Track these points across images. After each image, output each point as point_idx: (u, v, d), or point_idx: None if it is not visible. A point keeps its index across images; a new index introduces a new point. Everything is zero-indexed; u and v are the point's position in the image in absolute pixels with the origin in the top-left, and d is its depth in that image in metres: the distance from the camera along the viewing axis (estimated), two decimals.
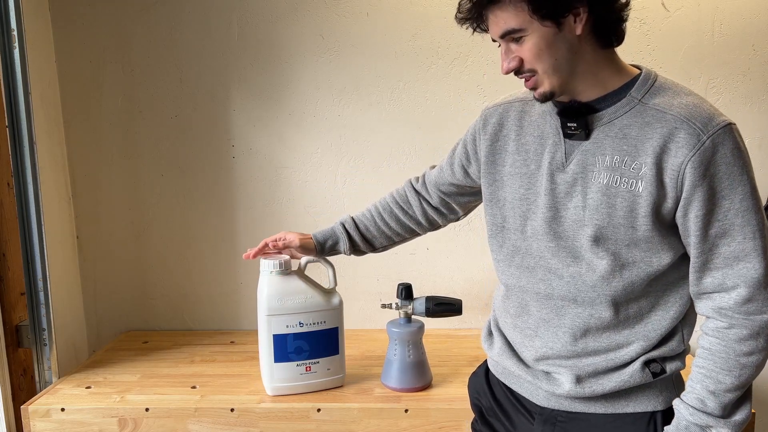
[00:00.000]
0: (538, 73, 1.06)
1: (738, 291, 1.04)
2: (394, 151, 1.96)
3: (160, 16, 1.92)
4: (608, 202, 1.07)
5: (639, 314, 1.12)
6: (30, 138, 1.68)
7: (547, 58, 1.04)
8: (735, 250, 1.04)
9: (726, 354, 1.06)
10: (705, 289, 1.08)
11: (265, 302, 1.54)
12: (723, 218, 1.03)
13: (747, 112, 1.88)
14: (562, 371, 1.15)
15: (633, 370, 1.11)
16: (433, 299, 1.60)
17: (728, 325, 1.06)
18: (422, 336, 1.62)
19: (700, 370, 1.08)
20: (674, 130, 1.02)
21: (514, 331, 1.22)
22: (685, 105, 1.04)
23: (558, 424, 1.17)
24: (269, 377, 1.57)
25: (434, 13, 1.88)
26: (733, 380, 1.05)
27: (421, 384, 1.60)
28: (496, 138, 1.22)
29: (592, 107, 1.08)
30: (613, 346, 1.13)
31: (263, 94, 1.95)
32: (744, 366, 1.05)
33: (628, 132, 1.06)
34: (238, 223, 2.02)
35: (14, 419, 1.74)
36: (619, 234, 1.07)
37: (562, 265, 1.13)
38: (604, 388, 1.13)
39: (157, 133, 1.98)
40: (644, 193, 1.04)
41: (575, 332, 1.14)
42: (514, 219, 1.19)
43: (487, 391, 1.30)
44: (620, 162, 1.06)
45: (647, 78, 1.08)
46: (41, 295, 1.73)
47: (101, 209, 2.02)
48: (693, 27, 1.85)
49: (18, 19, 1.63)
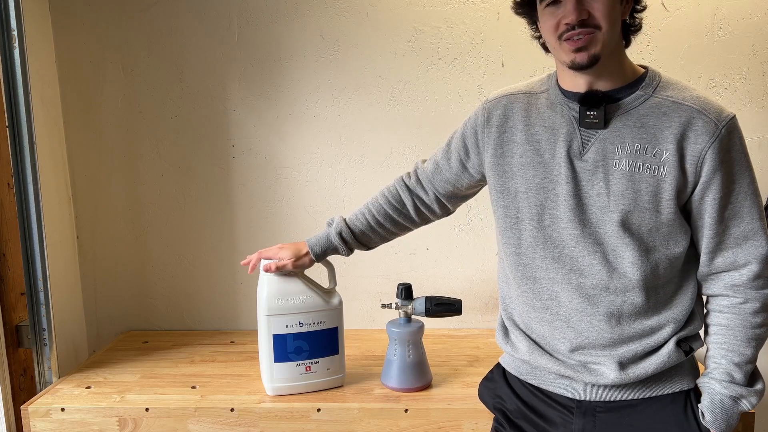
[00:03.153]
0: (602, 31, 1.09)
1: (750, 267, 1.13)
2: (394, 151, 1.96)
3: (160, 16, 1.92)
4: (633, 188, 1.12)
5: (666, 298, 1.17)
6: (30, 138, 1.68)
7: (613, 17, 1.10)
8: (744, 230, 1.13)
9: (744, 327, 1.14)
10: (716, 268, 1.15)
11: (264, 302, 1.54)
12: (735, 200, 1.12)
13: (747, 112, 1.88)
14: (602, 360, 1.18)
15: (669, 350, 1.16)
16: (432, 299, 1.59)
17: (743, 300, 1.14)
18: (422, 336, 1.62)
19: (721, 346, 1.14)
20: (692, 119, 1.10)
21: (542, 324, 1.23)
22: (696, 98, 1.12)
23: (598, 415, 1.19)
24: (269, 377, 1.57)
25: (434, 13, 1.88)
26: (753, 351, 1.14)
27: (421, 384, 1.60)
28: (503, 129, 1.23)
29: (611, 97, 1.13)
30: (647, 330, 1.17)
31: (263, 94, 1.95)
32: (758, 337, 1.14)
33: (646, 121, 1.12)
34: (238, 222, 2.02)
35: (14, 419, 1.74)
36: (644, 218, 1.12)
37: (587, 252, 1.16)
38: (647, 372, 1.17)
39: (157, 133, 1.98)
40: (668, 177, 1.10)
41: (610, 320, 1.17)
42: (529, 209, 1.20)
43: (511, 394, 1.30)
44: (641, 149, 1.11)
45: (654, 75, 1.16)
46: (41, 295, 1.73)
47: (101, 209, 2.02)
48: (693, 27, 1.85)
49: (18, 19, 1.63)
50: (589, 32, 1.09)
